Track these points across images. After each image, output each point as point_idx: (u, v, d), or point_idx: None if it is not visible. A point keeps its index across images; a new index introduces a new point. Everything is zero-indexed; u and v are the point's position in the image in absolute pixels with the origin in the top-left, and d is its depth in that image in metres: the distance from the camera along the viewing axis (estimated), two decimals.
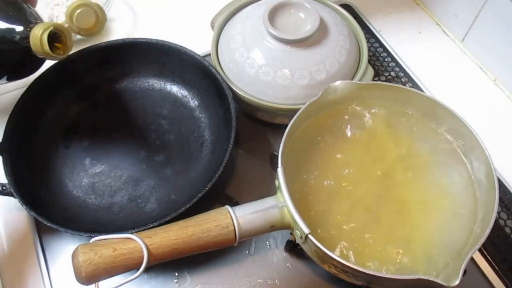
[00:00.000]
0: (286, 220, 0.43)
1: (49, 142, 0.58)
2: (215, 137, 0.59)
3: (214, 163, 0.55)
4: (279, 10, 0.56)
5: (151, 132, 0.60)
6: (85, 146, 0.59)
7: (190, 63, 0.59)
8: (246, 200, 0.46)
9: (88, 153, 0.58)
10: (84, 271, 0.38)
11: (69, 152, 0.58)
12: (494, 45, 0.65)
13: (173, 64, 0.61)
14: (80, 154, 0.58)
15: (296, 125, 0.48)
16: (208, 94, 0.60)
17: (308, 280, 0.51)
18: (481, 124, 0.50)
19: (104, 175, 0.57)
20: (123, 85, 0.63)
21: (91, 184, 0.56)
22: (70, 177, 0.56)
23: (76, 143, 0.59)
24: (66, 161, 0.57)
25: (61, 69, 0.57)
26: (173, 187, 0.56)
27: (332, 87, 0.50)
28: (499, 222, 0.55)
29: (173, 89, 0.63)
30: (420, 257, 0.44)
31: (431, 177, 0.49)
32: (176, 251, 0.41)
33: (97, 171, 0.57)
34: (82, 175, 0.57)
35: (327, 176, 0.49)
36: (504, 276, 0.51)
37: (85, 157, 0.58)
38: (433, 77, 0.67)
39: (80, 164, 0.57)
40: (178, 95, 0.63)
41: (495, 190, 0.44)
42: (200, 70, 0.59)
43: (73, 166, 0.57)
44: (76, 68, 0.59)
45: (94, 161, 0.58)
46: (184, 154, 0.58)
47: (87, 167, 0.57)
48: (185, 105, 0.62)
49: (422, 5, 0.76)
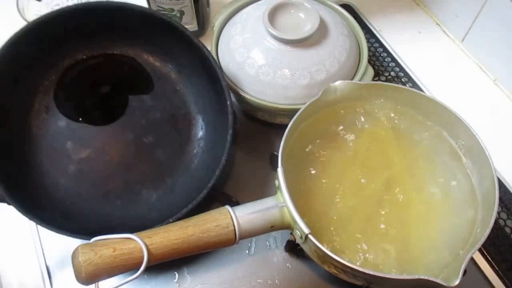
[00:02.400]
0: (286, 220, 0.43)
1: (21, 126, 0.52)
2: (206, 116, 0.55)
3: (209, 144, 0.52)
4: (279, 10, 0.56)
5: (134, 109, 0.55)
6: (62, 128, 0.53)
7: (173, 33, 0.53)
8: (246, 200, 0.46)
9: (68, 136, 0.53)
10: (84, 271, 0.38)
11: (45, 136, 0.52)
12: (494, 45, 0.65)
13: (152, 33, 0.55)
14: (59, 138, 0.53)
15: (296, 125, 0.48)
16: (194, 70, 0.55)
17: (308, 280, 0.51)
18: (481, 124, 0.50)
19: (91, 161, 0.52)
20: (95, 57, 0.56)
21: (79, 171, 0.52)
22: (52, 164, 0.52)
23: (50, 125, 0.53)
24: (44, 146, 0.52)
25: (24, 41, 0.49)
26: (167, 170, 0.53)
27: (332, 87, 0.50)
28: (499, 222, 0.55)
29: (150, 59, 0.57)
30: (420, 257, 0.44)
31: (431, 177, 0.49)
32: (176, 251, 0.41)
33: (83, 157, 0.52)
34: (66, 162, 0.52)
35: (327, 176, 0.49)
36: (504, 276, 0.51)
37: (65, 141, 0.53)
38: (433, 77, 0.67)
39: (62, 149, 0.52)
40: (157, 66, 0.57)
41: (495, 190, 0.44)
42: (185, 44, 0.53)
43: (53, 151, 0.52)
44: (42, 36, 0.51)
45: (77, 145, 0.53)
46: (174, 133, 0.55)
47: (70, 152, 0.52)
48: (166, 78, 0.57)
49: (422, 5, 0.76)
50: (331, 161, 0.50)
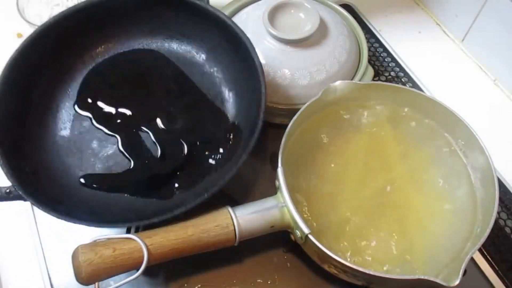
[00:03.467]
0: (286, 220, 0.43)
1: (43, 129, 0.51)
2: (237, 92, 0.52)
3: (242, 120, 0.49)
4: (279, 10, 0.56)
5: (162, 98, 0.53)
6: (87, 128, 0.52)
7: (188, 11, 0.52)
8: (246, 200, 0.46)
9: (94, 134, 0.51)
10: (84, 271, 0.38)
11: (70, 138, 0.51)
12: (494, 45, 0.65)
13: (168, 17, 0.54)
14: (84, 138, 0.51)
15: (296, 125, 0.48)
16: (217, 45, 0.53)
17: (308, 280, 0.51)
18: (481, 124, 0.50)
19: (120, 156, 0.50)
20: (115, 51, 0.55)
21: (107, 169, 0.50)
22: (79, 166, 0.50)
23: (75, 126, 0.52)
24: (70, 148, 0.50)
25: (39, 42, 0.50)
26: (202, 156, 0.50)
27: (332, 87, 0.50)
28: (499, 222, 0.55)
29: (172, 46, 0.55)
30: (420, 257, 0.44)
31: (431, 177, 0.49)
32: (176, 251, 0.41)
33: (110, 153, 0.50)
34: (93, 160, 0.50)
35: (328, 177, 0.49)
36: (504, 276, 0.51)
37: (91, 140, 0.51)
38: (433, 77, 0.67)
39: (87, 148, 0.50)
40: (180, 51, 0.55)
41: (495, 190, 0.44)
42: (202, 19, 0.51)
43: (79, 152, 0.50)
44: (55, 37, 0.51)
45: (103, 142, 0.51)
46: (206, 117, 0.52)
47: (96, 151, 0.50)
48: (191, 61, 0.55)
49: (422, 5, 0.76)
50: (331, 161, 0.50)
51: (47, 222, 0.54)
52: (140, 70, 0.55)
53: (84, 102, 0.53)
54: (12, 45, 0.66)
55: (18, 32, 0.71)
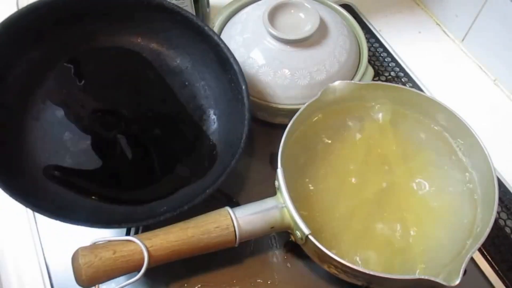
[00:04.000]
0: (286, 221, 0.43)
1: (15, 114, 0.48)
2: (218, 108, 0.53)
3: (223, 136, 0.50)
4: (279, 10, 0.56)
5: (140, 99, 0.53)
6: (60, 118, 0.50)
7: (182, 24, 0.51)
8: (246, 200, 0.46)
9: (67, 126, 0.49)
10: (84, 273, 0.38)
11: (41, 126, 0.49)
12: (494, 45, 0.65)
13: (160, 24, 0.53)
14: (56, 127, 0.49)
15: (295, 125, 0.48)
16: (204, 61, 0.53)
17: (308, 280, 0.51)
18: (481, 124, 0.50)
19: (89, 153, 0.49)
20: (98, 45, 0.53)
21: (76, 164, 0.48)
22: (48, 156, 0.48)
23: (47, 114, 0.50)
24: (39, 135, 0.49)
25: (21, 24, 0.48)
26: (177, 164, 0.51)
27: (331, 87, 0.50)
28: (499, 222, 0.55)
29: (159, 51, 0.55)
30: (420, 257, 0.44)
31: (431, 177, 0.49)
32: (176, 252, 0.41)
33: (82, 148, 0.49)
34: (63, 153, 0.48)
35: (327, 177, 0.49)
36: (504, 276, 0.51)
37: (63, 132, 0.49)
38: (433, 77, 0.67)
39: (59, 139, 0.49)
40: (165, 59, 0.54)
41: (495, 190, 0.44)
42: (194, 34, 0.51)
43: (50, 142, 0.49)
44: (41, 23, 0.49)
45: (76, 136, 0.49)
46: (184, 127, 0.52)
47: (67, 143, 0.49)
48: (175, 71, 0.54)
49: (422, 5, 0.76)
50: (331, 162, 0.50)
51: (47, 223, 0.54)
52: (120, 70, 0.54)
53: (57, 95, 0.51)
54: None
55: None
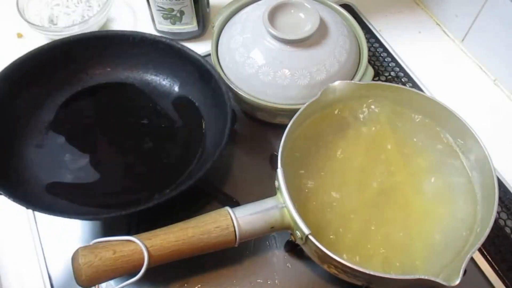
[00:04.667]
0: (286, 221, 0.43)
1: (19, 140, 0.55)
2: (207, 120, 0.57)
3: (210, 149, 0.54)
4: (279, 10, 0.56)
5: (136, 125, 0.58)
6: (61, 143, 0.56)
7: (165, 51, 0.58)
8: (246, 200, 0.46)
9: (67, 148, 0.55)
10: (84, 273, 0.38)
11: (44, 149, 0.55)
12: (494, 45, 0.65)
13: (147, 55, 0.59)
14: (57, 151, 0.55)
15: (295, 125, 0.48)
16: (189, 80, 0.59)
17: (308, 280, 0.51)
18: (481, 124, 0.50)
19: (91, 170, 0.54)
20: (93, 80, 0.60)
21: (77, 179, 0.53)
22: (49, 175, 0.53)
23: (50, 141, 0.56)
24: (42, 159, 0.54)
25: (27, 64, 0.55)
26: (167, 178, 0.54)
27: (331, 87, 0.50)
28: (499, 222, 0.55)
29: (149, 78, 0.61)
30: (420, 257, 0.44)
31: (431, 177, 0.49)
32: (176, 252, 0.41)
33: (81, 166, 0.54)
34: (64, 171, 0.54)
35: (327, 177, 0.49)
36: (504, 276, 0.51)
37: (64, 154, 0.55)
38: (433, 77, 0.67)
39: (60, 160, 0.54)
40: (156, 84, 0.61)
41: (495, 190, 0.44)
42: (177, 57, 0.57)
43: (51, 162, 0.54)
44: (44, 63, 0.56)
45: (75, 156, 0.55)
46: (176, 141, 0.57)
47: (67, 163, 0.54)
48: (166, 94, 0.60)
49: (422, 5, 0.76)
50: (331, 162, 0.50)
51: (47, 223, 0.54)
52: (116, 100, 0.60)
53: (59, 125, 0.57)
54: (12, 45, 0.67)
55: (18, 32, 0.71)
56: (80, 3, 0.70)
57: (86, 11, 0.70)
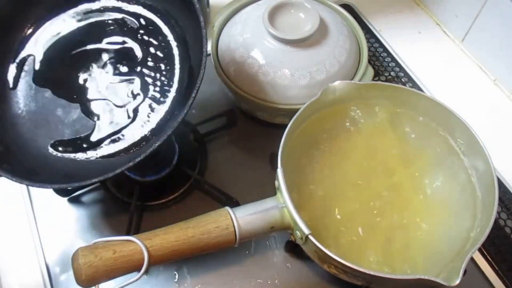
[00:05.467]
0: (286, 221, 0.43)
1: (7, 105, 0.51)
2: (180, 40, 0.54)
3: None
4: (279, 10, 0.56)
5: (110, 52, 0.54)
6: (49, 98, 0.52)
7: None
8: (246, 200, 0.46)
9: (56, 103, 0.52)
10: (84, 273, 0.38)
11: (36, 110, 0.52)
12: (494, 45, 0.65)
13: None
14: (48, 108, 0.52)
15: (295, 126, 0.48)
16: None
17: (308, 280, 0.51)
18: (481, 124, 0.50)
19: (85, 119, 0.51)
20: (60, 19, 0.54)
21: (75, 133, 0.51)
22: (49, 135, 0.50)
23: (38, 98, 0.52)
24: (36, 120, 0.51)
25: None
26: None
27: (331, 87, 0.50)
28: (499, 222, 0.55)
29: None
30: (420, 257, 0.44)
31: (431, 177, 0.49)
32: (176, 252, 0.41)
33: (75, 117, 0.51)
34: (61, 127, 0.51)
35: (328, 177, 0.49)
36: (504, 276, 0.51)
37: (55, 109, 0.52)
38: (433, 77, 0.67)
39: (53, 117, 0.51)
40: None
41: (495, 190, 0.44)
42: None
43: (46, 122, 0.51)
44: None
45: (67, 109, 0.51)
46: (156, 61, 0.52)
47: (61, 118, 0.51)
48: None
49: (422, 5, 0.76)
50: (331, 162, 0.50)
51: (47, 223, 0.54)
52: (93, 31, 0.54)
53: (42, 77, 0.53)
54: None
55: None
56: None
57: None
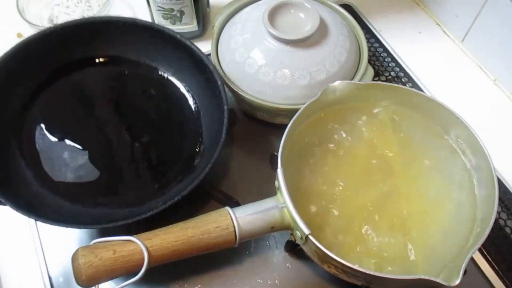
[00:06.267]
0: (286, 221, 0.43)
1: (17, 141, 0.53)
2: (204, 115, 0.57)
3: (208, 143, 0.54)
4: (279, 10, 0.56)
5: (129, 113, 0.57)
6: (58, 141, 0.55)
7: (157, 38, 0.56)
8: (246, 200, 0.46)
9: (65, 146, 0.54)
10: (84, 273, 0.38)
11: (42, 149, 0.54)
12: (494, 45, 0.65)
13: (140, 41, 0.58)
14: (55, 149, 0.54)
15: (295, 126, 0.48)
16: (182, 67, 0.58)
17: (308, 280, 0.51)
18: (481, 124, 0.50)
19: (90, 167, 0.53)
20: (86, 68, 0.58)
21: (78, 178, 0.52)
22: (51, 175, 0.52)
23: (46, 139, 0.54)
24: (42, 158, 0.53)
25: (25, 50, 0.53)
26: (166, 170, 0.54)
27: (331, 87, 0.50)
28: (499, 222, 0.55)
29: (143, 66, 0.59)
30: (420, 257, 0.44)
31: (431, 177, 0.49)
32: (176, 252, 0.41)
33: (81, 164, 0.53)
34: (64, 170, 0.53)
35: (328, 177, 0.49)
36: (504, 276, 0.51)
37: (62, 152, 0.54)
38: (433, 77, 0.67)
39: (59, 159, 0.53)
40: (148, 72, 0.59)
41: (495, 190, 0.44)
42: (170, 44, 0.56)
43: (51, 162, 0.53)
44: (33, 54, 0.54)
45: (74, 154, 0.53)
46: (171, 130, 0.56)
47: (67, 161, 0.53)
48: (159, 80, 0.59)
49: (422, 5, 0.76)
50: (331, 162, 0.50)
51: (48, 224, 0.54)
52: (108, 87, 0.58)
53: (52, 124, 0.55)
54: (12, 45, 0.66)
55: (18, 32, 0.71)
56: (80, 3, 0.70)
57: (86, 11, 0.70)
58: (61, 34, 0.54)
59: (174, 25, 0.66)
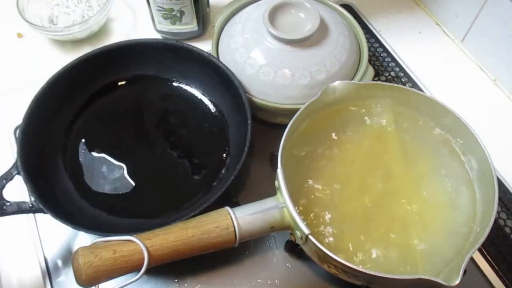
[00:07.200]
0: (286, 221, 0.43)
1: (62, 156, 0.57)
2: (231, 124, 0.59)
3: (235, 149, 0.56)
4: (279, 10, 0.56)
5: (162, 130, 0.60)
6: (97, 155, 0.58)
7: (189, 57, 0.59)
8: (246, 200, 0.46)
9: (104, 160, 0.57)
10: (84, 273, 0.38)
11: (83, 162, 0.57)
12: (494, 45, 0.65)
13: (170, 60, 0.61)
14: (95, 163, 0.57)
15: (295, 125, 0.48)
16: (212, 84, 0.60)
17: (308, 280, 0.51)
18: (481, 124, 0.50)
19: (126, 180, 0.56)
20: (122, 88, 0.63)
21: (115, 190, 0.55)
22: (90, 187, 0.56)
23: (87, 153, 0.58)
24: (83, 171, 0.57)
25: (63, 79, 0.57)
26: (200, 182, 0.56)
27: (331, 87, 0.50)
28: (499, 222, 0.55)
29: (175, 84, 0.63)
30: (420, 257, 0.44)
31: (431, 177, 0.49)
32: (176, 252, 0.41)
33: (117, 176, 0.56)
34: (102, 182, 0.56)
35: (328, 177, 0.49)
36: (504, 276, 0.51)
37: (101, 165, 0.57)
38: (433, 77, 0.67)
39: (98, 172, 0.56)
40: (181, 90, 0.63)
41: (494, 190, 0.44)
42: (199, 63, 0.59)
43: (90, 175, 0.56)
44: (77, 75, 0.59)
45: (111, 167, 0.57)
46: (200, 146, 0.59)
47: (105, 174, 0.56)
48: (191, 99, 0.62)
49: (422, 5, 0.76)
50: (331, 162, 0.50)
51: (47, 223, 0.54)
52: (141, 104, 0.62)
53: (92, 139, 0.59)
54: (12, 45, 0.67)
55: (18, 32, 0.71)
56: (80, 3, 0.70)
57: (86, 11, 0.70)
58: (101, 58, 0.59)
59: (174, 25, 0.66)
